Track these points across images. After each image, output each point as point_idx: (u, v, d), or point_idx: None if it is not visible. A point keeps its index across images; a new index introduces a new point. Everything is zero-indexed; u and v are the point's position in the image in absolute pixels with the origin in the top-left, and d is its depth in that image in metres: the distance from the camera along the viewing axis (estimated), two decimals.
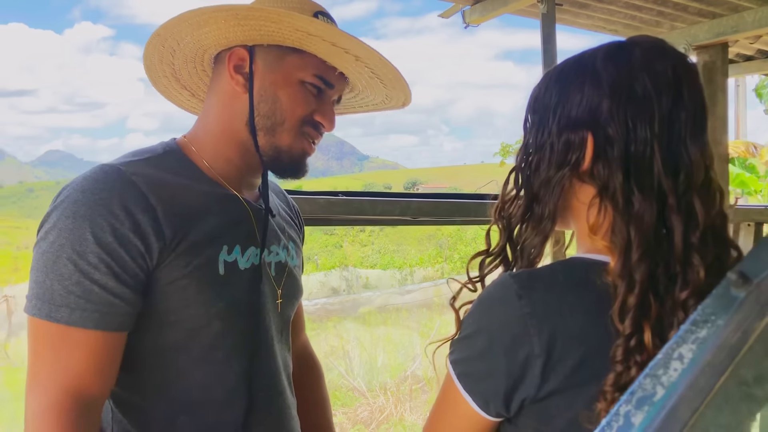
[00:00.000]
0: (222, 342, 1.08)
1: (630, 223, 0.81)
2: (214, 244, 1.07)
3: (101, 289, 0.96)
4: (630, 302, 0.78)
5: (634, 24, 3.00)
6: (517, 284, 0.82)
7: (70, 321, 0.95)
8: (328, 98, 1.15)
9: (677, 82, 0.83)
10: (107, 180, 0.99)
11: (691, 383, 0.69)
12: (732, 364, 0.69)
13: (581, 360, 0.79)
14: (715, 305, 0.71)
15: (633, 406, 0.70)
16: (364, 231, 36.36)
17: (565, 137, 0.86)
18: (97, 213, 0.96)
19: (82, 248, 0.95)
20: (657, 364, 0.70)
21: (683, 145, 0.82)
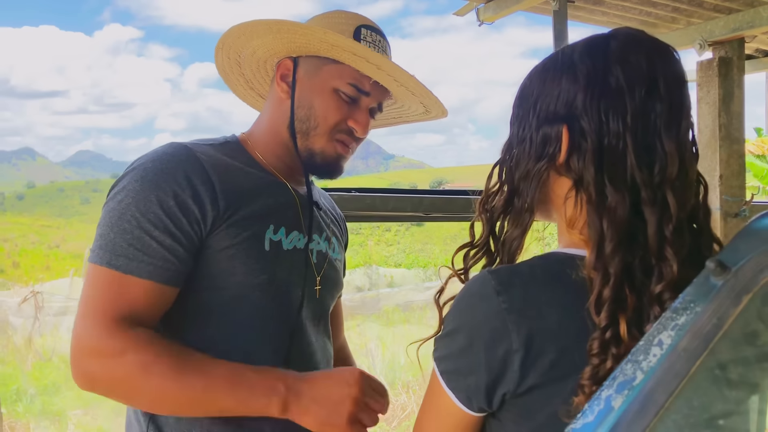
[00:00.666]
0: (261, 313, 1.17)
1: (603, 215, 0.81)
2: (261, 221, 1.18)
3: (158, 244, 1.07)
4: (605, 295, 0.78)
5: (649, 20, 2.99)
6: (495, 280, 0.83)
7: (127, 269, 1.06)
8: (363, 105, 1.23)
9: (652, 74, 0.83)
10: (175, 153, 1.13)
11: (668, 368, 0.71)
12: (707, 350, 0.71)
13: (560, 355, 0.80)
14: (695, 293, 0.73)
15: (614, 391, 0.73)
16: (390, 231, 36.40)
17: (542, 131, 0.87)
18: (162, 180, 1.09)
19: (146, 208, 1.07)
20: (638, 350, 0.73)
21: (658, 138, 0.82)
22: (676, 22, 3.00)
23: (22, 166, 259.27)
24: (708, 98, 2.92)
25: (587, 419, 0.72)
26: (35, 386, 6.64)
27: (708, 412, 0.72)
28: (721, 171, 2.87)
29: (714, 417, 0.72)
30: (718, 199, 2.85)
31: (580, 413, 0.73)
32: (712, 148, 2.89)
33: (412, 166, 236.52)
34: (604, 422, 0.71)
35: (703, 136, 2.96)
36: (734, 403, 0.74)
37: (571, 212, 0.86)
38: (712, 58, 2.94)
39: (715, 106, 2.88)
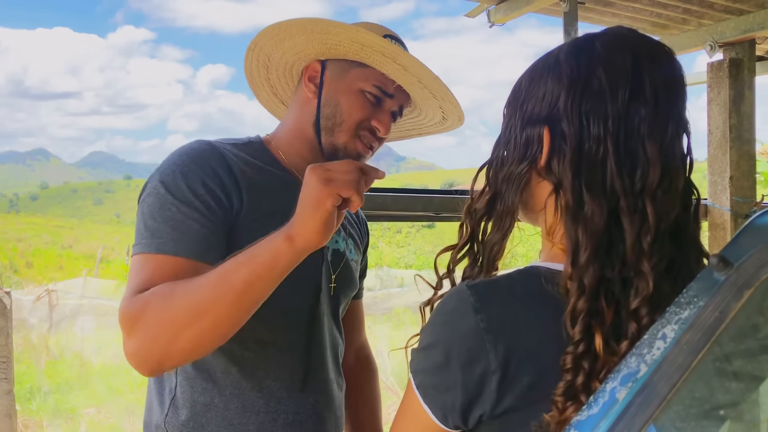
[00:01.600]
0: (276, 305, 1.19)
1: (579, 223, 0.78)
2: (282, 219, 1.17)
3: (200, 226, 1.13)
4: (579, 306, 0.76)
5: (660, 22, 2.99)
6: (473, 297, 0.79)
7: (174, 251, 1.11)
8: (386, 107, 1.29)
9: (637, 75, 0.79)
10: (200, 148, 1.21)
11: (671, 360, 0.73)
12: (709, 343, 0.73)
13: (538, 376, 0.77)
14: (698, 288, 0.75)
15: (618, 383, 0.75)
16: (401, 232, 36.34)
17: (525, 132, 0.85)
18: (191, 170, 1.16)
19: (182, 196, 1.14)
20: (642, 343, 0.75)
21: (641, 143, 0.78)
22: (687, 23, 3.00)
23: (36, 166, 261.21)
24: (718, 99, 2.92)
25: (592, 411, 0.74)
26: (49, 384, 6.70)
27: (709, 403, 0.73)
28: (732, 172, 2.87)
29: (715, 408, 0.73)
30: (728, 200, 2.85)
31: (584, 406, 0.75)
32: (723, 149, 2.89)
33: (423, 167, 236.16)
34: (609, 414, 0.73)
35: (713, 138, 2.96)
36: (735, 394, 0.75)
37: (552, 219, 0.84)
38: (722, 59, 2.94)
39: (725, 108, 2.88)
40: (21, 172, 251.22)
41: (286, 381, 1.25)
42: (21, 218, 75.19)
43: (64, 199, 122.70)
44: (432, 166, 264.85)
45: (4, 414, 3.65)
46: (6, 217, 75.43)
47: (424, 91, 1.29)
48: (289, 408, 1.25)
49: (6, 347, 3.72)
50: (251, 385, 1.23)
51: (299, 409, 1.26)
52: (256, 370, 1.23)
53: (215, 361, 1.22)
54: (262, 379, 1.24)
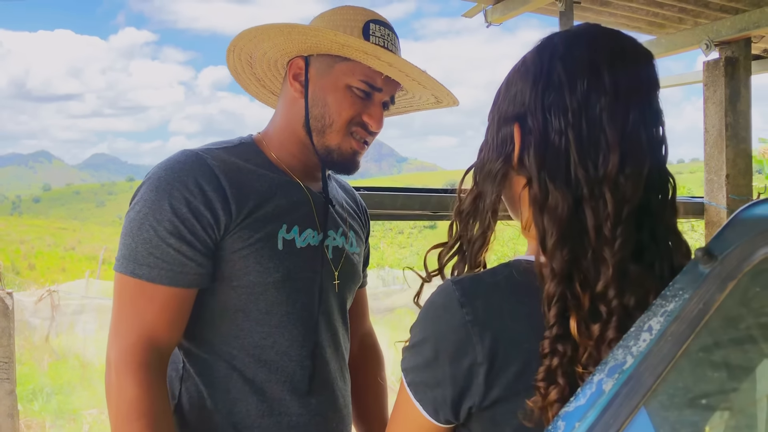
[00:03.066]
0: (277, 308, 1.23)
1: (544, 214, 0.80)
2: (274, 222, 1.22)
3: (176, 251, 1.14)
4: (551, 291, 0.78)
5: (657, 21, 3.01)
6: (459, 291, 0.82)
7: (149, 277, 1.13)
8: (376, 100, 1.26)
9: (594, 66, 0.81)
10: (186, 161, 1.18)
11: (656, 352, 0.75)
12: (693, 334, 0.74)
13: (524, 366, 0.78)
14: (684, 280, 0.77)
15: (605, 375, 0.77)
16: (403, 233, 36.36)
17: (501, 131, 0.88)
18: (174, 188, 1.14)
19: (161, 216, 1.13)
20: (629, 335, 0.77)
21: (602, 131, 0.80)
22: (683, 22, 3.02)
23: (39, 168, 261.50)
24: (714, 98, 2.93)
25: (579, 402, 0.76)
26: (51, 385, 6.72)
27: (693, 392, 0.75)
28: (728, 170, 2.88)
29: (698, 397, 0.75)
30: (725, 198, 2.86)
31: (572, 397, 0.76)
32: (719, 147, 2.91)
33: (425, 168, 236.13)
34: (596, 405, 0.75)
35: (709, 136, 2.97)
36: (718, 383, 0.76)
37: (527, 214, 0.86)
38: (718, 58, 2.96)
39: (721, 106, 2.89)
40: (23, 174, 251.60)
41: (291, 384, 1.25)
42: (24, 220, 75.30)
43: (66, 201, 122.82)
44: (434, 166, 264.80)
45: (7, 414, 3.67)
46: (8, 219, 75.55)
47: (413, 82, 1.28)
48: (292, 410, 1.24)
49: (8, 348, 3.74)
50: (254, 389, 1.23)
51: (303, 411, 1.26)
52: (260, 375, 1.23)
53: (218, 365, 1.23)
54: (265, 383, 1.23)
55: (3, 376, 3.78)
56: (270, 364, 1.23)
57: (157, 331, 1.15)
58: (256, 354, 1.22)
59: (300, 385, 1.25)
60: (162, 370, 1.17)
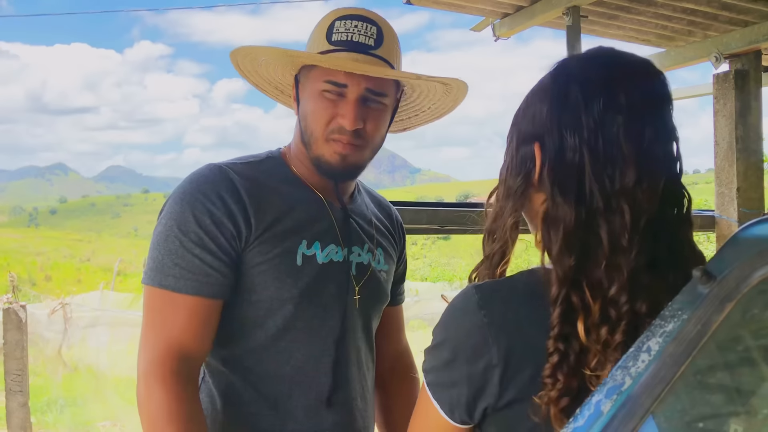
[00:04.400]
0: (294, 323, 1.22)
1: (550, 226, 0.84)
2: (294, 237, 1.22)
3: (201, 261, 1.16)
4: (553, 294, 0.81)
5: (666, 33, 3.00)
6: (478, 295, 0.85)
7: (175, 288, 1.15)
8: (347, 98, 1.21)
9: (609, 86, 0.84)
10: (209, 174, 1.21)
11: (654, 373, 0.74)
12: (691, 356, 0.74)
13: (538, 370, 0.80)
14: (682, 301, 0.76)
15: (603, 396, 0.77)
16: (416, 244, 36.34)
17: (521, 151, 0.91)
18: (198, 200, 1.17)
19: (186, 228, 1.16)
20: (628, 356, 0.76)
21: (618, 147, 0.83)
22: (693, 35, 3.01)
23: (55, 181, 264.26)
24: (725, 111, 2.91)
25: (578, 423, 0.75)
26: (65, 397, 6.76)
27: (689, 415, 0.74)
28: (739, 183, 2.86)
29: (694, 420, 0.74)
30: (735, 211, 2.84)
31: (571, 418, 0.76)
32: (729, 160, 2.88)
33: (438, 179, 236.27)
34: (594, 426, 0.74)
35: (720, 149, 2.95)
36: (714, 406, 0.76)
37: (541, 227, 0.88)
38: (728, 70, 2.94)
39: (731, 119, 2.87)
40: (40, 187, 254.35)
41: (306, 400, 1.24)
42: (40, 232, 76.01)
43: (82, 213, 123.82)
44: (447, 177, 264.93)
45: (19, 427, 3.71)
46: (26, 231, 76.31)
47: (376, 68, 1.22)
48: (306, 427, 1.24)
49: (21, 360, 3.78)
50: (269, 403, 1.23)
51: (317, 428, 1.24)
52: (275, 389, 1.23)
53: (233, 378, 1.23)
54: (279, 398, 1.23)
55: (16, 388, 3.82)
56: (285, 379, 1.23)
57: (185, 341, 1.16)
58: (272, 369, 1.22)
59: (315, 401, 1.24)
60: (192, 379, 1.17)
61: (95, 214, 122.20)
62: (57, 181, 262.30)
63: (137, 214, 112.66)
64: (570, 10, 2.55)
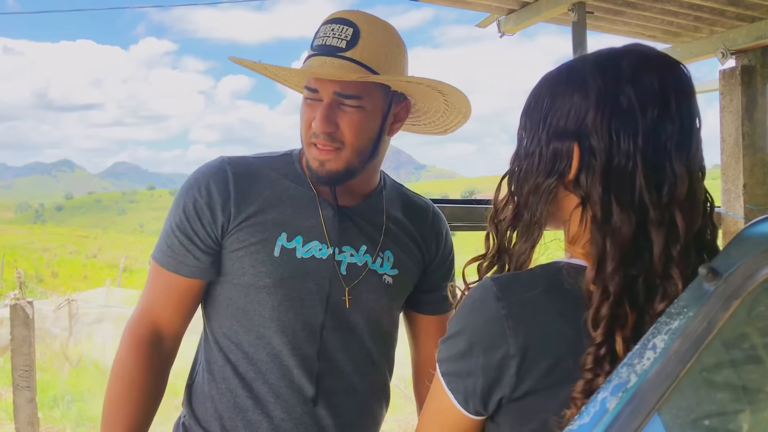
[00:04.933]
0: (270, 312, 1.27)
1: (606, 234, 0.81)
2: (275, 229, 1.27)
3: (179, 243, 1.28)
4: (603, 312, 0.79)
5: (672, 30, 2.99)
6: (496, 287, 0.85)
7: (161, 262, 1.30)
8: (317, 102, 1.23)
9: (664, 95, 0.82)
10: (209, 167, 1.31)
11: (659, 371, 0.74)
12: (696, 353, 0.74)
13: (555, 362, 0.81)
14: (688, 298, 0.76)
15: (609, 393, 0.76)
16: None
17: (553, 146, 0.87)
18: (192, 189, 1.29)
19: (176, 212, 1.30)
20: (633, 353, 0.76)
21: (668, 158, 0.82)
22: (699, 30, 2.99)
23: (61, 177, 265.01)
24: (731, 107, 2.90)
25: (583, 420, 0.75)
26: (71, 393, 6.79)
27: (695, 413, 0.74)
28: (745, 180, 2.84)
29: (700, 418, 0.74)
30: (742, 207, 2.83)
31: (576, 416, 0.76)
32: (736, 157, 2.87)
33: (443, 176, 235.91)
34: (599, 424, 0.74)
35: (726, 145, 2.94)
36: (720, 404, 0.75)
37: (576, 229, 0.87)
38: (734, 66, 2.93)
39: (738, 115, 2.86)
40: (46, 183, 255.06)
41: (279, 388, 1.27)
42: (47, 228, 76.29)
43: (88, 210, 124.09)
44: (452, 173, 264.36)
45: (27, 422, 3.72)
46: (32, 228, 76.58)
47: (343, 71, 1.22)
48: (276, 413, 1.26)
49: (29, 356, 3.80)
50: (244, 384, 1.28)
51: (286, 417, 1.27)
52: (250, 372, 1.28)
53: (218, 355, 1.31)
54: (254, 381, 1.27)
55: (23, 384, 3.84)
56: (260, 364, 1.27)
57: (159, 311, 1.31)
58: (249, 352, 1.28)
59: (288, 389, 1.27)
60: (155, 346, 1.30)
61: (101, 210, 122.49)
62: (63, 178, 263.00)
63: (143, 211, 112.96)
64: (575, 6, 2.54)
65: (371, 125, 1.25)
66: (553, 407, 0.81)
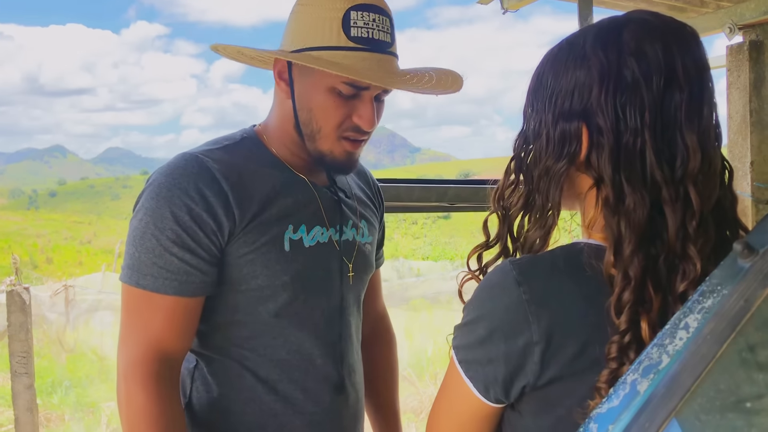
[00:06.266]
0: (286, 309, 1.21)
1: (620, 217, 0.78)
2: (280, 223, 1.19)
3: (179, 261, 1.12)
4: (625, 298, 0.76)
5: (678, 5, 2.94)
6: (516, 270, 0.81)
7: (153, 288, 1.12)
8: (363, 98, 1.16)
9: (669, 62, 0.78)
10: (186, 166, 1.14)
11: (694, 351, 0.71)
12: (734, 332, 0.71)
13: (581, 348, 0.78)
14: (722, 275, 0.73)
15: (639, 375, 0.73)
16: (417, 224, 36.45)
17: (560, 128, 0.83)
18: (175, 195, 1.11)
19: (163, 225, 1.11)
20: (664, 333, 0.73)
21: (679, 131, 0.78)
22: (705, 5, 2.94)
23: (54, 163, 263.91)
24: (738, 83, 2.86)
25: (612, 403, 0.72)
26: (70, 378, 6.78)
27: (735, 395, 0.71)
28: (753, 157, 2.81)
29: (741, 400, 0.71)
30: (749, 185, 2.80)
31: (605, 398, 0.73)
32: (743, 134, 2.84)
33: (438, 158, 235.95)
34: (630, 406, 0.71)
35: (733, 122, 2.90)
36: (762, 385, 0.72)
37: (592, 212, 0.84)
38: (742, 41, 2.88)
39: (745, 91, 2.82)
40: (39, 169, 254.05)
41: (304, 383, 1.24)
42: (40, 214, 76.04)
43: (81, 195, 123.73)
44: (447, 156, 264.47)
45: (26, 408, 3.70)
46: (26, 214, 76.32)
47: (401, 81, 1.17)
48: (306, 409, 1.24)
49: (26, 342, 3.77)
50: (267, 388, 1.23)
51: (317, 410, 1.25)
52: (273, 374, 1.23)
53: (231, 366, 1.23)
54: (278, 383, 1.23)
55: (21, 370, 3.82)
56: (282, 364, 1.22)
57: (165, 341, 1.13)
58: (268, 354, 1.22)
59: (314, 382, 1.24)
60: (172, 379, 1.16)
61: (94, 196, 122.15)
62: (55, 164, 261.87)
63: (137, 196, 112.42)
64: None
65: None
66: (579, 394, 0.78)
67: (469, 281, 0.94)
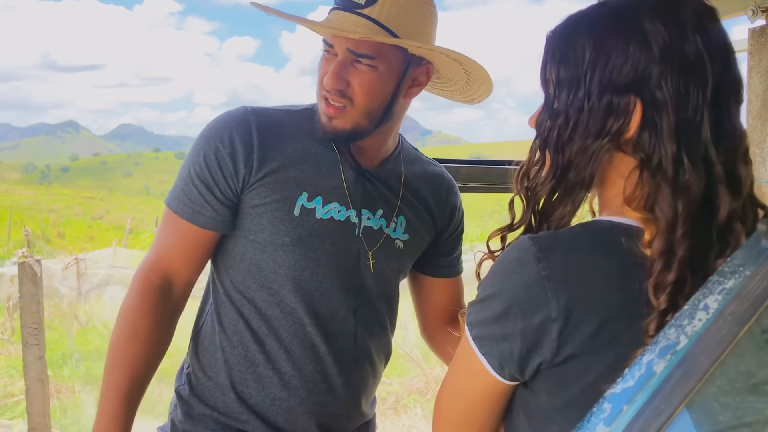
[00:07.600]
0: (285, 271, 1.26)
1: (678, 195, 0.77)
2: (295, 187, 1.25)
3: (198, 193, 1.26)
4: (668, 279, 0.76)
5: None
6: (535, 247, 0.80)
7: (176, 210, 1.28)
8: (333, 57, 1.22)
9: (728, 45, 0.80)
10: (232, 115, 1.28)
11: (713, 332, 0.69)
12: (756, 314, 0.69)
13: (600, 325, 0.77)
14: (744, 256, 0.71)
15: (656, 355, 0.71)
16: None
17: (606, 101, 0.80)
18: (212, 137, 1.25)
19: (196, 159, 1.26)
20: (683, 314, 0.71)
21: (727, 112, 0.79)
22: None
23: (67, 138, 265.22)
24: (759, 67, 2.80)
25: (627, 384, 0.71)
26: (80, 351, 6.85)
27: (755, 377, 0.69)
28: None
29: (761, 383, 0.70)
30: (767, 171, 2.76)
31: (619, 378, 0.72)
32: (763, 119, 2.78)
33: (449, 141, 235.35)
34: (646, 387, 0.70)
35: (753, 107, 2.85)
36: None
37: (631, 190, 0.81)
38: (765, 24, 2.83)
39: (766, 75, 2.77)
40: (52, 144, 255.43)
41: (290, 345, 1.28)
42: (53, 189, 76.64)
43: (94, 171, 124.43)
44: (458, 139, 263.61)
45: (37, 379, 3.74)
46: (38, 189, 76.95)
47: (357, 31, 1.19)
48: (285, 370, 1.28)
49: (37, 314, 3.79)
50: (255, 338, 1.29)
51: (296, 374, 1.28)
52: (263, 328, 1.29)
53: (230, 308, 1.30)
54: (266, 337, 1.28)
55: (33, 341, 3.85)
56: (273, 321, 1.28)
57: (172, 261, 1.29)
58: (263, 308, 1.28)
59: (299, 349, 1.27)
60: (165, 293, 1.28)
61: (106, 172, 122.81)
62: (68, 139, 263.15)
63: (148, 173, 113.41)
64: None
65: (384, 86, 1.22)
66: (596, 372, 0.77)
67: (486, 260, 0.93)
